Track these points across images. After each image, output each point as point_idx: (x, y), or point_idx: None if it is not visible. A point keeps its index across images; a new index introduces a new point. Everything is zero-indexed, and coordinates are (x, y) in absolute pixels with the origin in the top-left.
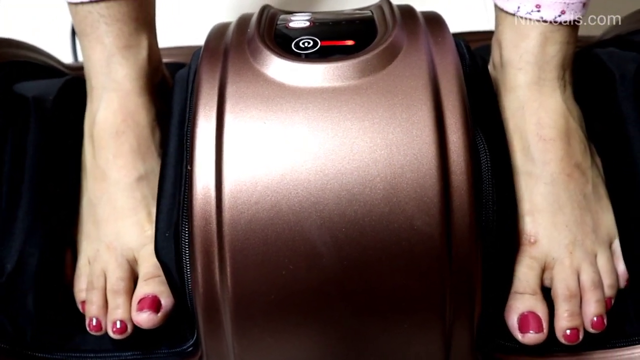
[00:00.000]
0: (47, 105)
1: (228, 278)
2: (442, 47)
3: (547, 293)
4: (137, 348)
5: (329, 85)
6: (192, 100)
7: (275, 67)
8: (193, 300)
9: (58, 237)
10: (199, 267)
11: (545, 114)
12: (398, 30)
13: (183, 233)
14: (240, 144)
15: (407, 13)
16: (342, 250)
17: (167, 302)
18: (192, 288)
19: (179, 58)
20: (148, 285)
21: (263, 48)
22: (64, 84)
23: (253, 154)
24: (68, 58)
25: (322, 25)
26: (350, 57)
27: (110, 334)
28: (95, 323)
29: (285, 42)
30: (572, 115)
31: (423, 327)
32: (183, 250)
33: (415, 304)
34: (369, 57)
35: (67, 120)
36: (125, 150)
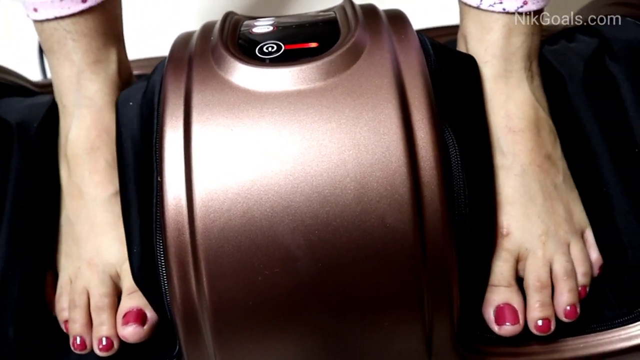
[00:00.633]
0: (30, 133)
1: (205, 287)
2: (405, 44)
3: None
4: None
5: (294, 89)
6: (158, 112)
7: (240, 73)
8: (171, 311)
9: (39, 261)
10: (175, 277)
11: (514, 106)
12: (360, 30)
13: (157, 245)
14: (209, 153)
15: (369, 12)
16: (316, 253)
17: (152, 314)
18: (170, 299)
19: (150, 70)
20: (132, 299)
21: (227, 55)
22: (48, 110)
23: (222, 162)
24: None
25: (285, 29)
26: (314, 59)
27: (97, 352)
28: (80, 342)
29: (249, 47)
30: (541, 106)
31: (402, 324)
32: (158, 262)
33: (393, 302)
34: (333, 58)
35: (50, 147)
36: (101, 166)
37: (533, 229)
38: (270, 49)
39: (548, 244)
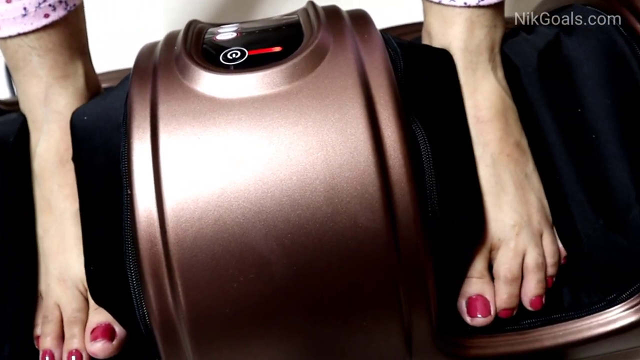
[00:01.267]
0: (7, 147)
1: (181, 297)
2: (369, 43)
3: None
4: None
5: (260, 94)
6: (125, 124)
7: (205, 81)
8: (149, 323)
9: (35, 278)
10: (151, 289)
11: (481, 96)
12: (323, 32)
13: (127, 257)
14: (178, 162)
15: (331, 13)
16: (290, 257)
17: (121, 329)
18: (147, 311)
19: (117, 82)
20: (99, 314)
21: (191, 64)
22: (22, 124)
23: (191, 171)
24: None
25: (249, 35)
26: (278, 63)
27: None
28: (49, 358)
29: (213, 55)
30: (507, 95)
31: (381, 323)
32: (130, 276)
33: (370, 302)
34: (296, 61)
35: (27, 161)
36: (71, 179)
37: (506, 219)
38: (234, 56)
39: (521, 235)
